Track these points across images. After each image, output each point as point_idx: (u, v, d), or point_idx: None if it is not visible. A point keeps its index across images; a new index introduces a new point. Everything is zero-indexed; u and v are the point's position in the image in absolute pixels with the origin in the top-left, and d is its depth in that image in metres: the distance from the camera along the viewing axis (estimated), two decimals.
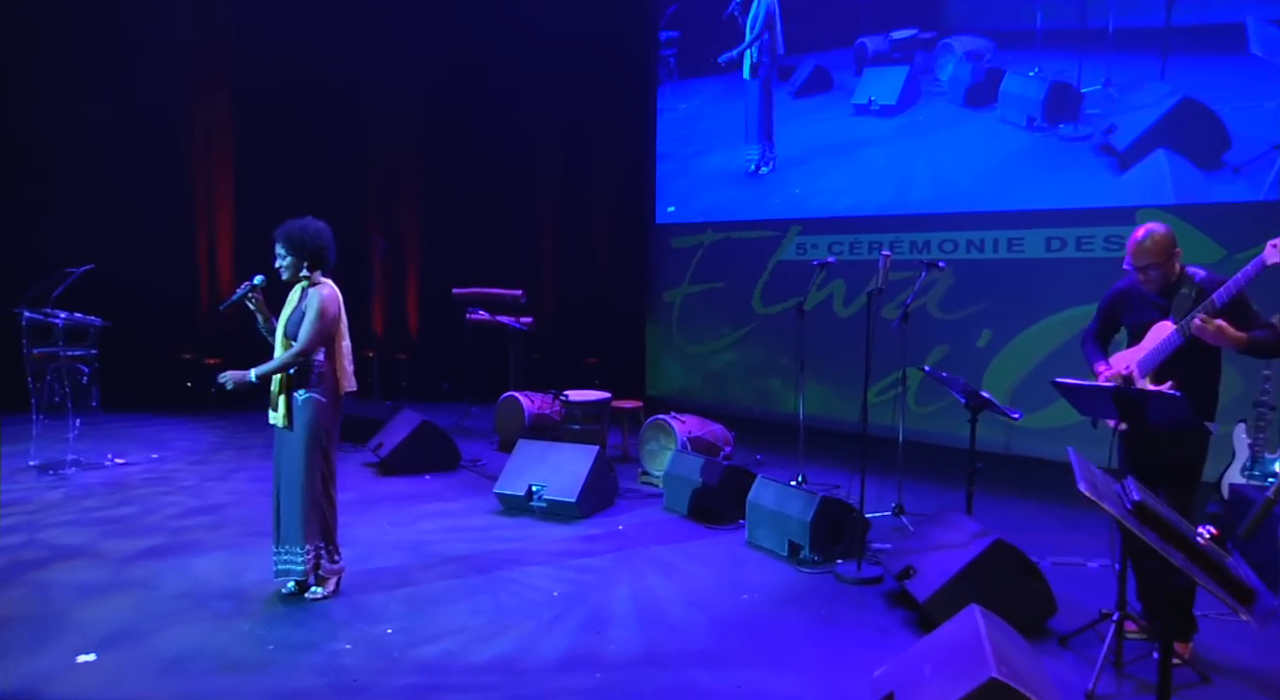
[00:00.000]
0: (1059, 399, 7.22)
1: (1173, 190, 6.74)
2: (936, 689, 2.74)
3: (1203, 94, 6.60)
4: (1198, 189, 6.59)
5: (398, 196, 11.03)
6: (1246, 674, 3.60)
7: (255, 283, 4.26)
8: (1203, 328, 3.39)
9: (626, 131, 10.51)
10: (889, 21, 8.52)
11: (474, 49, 10.38)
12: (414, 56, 10.60)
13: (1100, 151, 7.13)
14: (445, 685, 3.42)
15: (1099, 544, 5.26)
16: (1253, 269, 3.39)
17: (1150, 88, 6.86)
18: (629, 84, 10.44)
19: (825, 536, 4.88)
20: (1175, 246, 3.63)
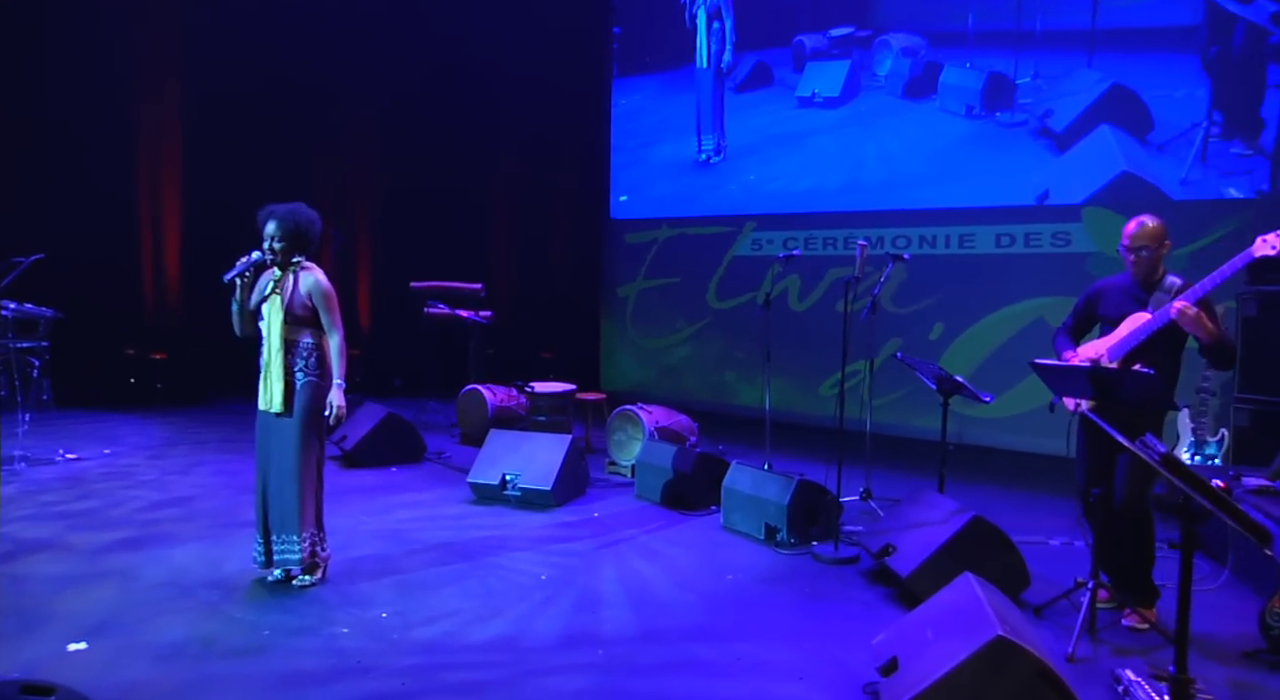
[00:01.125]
0: (1008, 389, 7.56)
1: (1124, 159, 7.00)
2: (942, 650, 2.88)
3: (1128, 82, 6.99)
4: (1143, 162, 6.89)
5: (349, 190, 10.91)
6: (1206, 635, 3.83)
7: (254, 259, 4.20)
8: (1184, 312, 3.59)
9: (580, 127, 10.56)
10: (825, 20, 8.80)
11: (430, 44, 10.33)
12: (369, 50, 10.51)
13: (1038, 135, 7.48)
14: (450, 664, 3.46)
15: (1056, 524, 5.52)
16: (1241, 261, 3.57)
17: (1081, 75, 7.25)
18: (582, 79, 10.49)
19: (801, 519, 5.03)
20: (1166, 237, 3.84)
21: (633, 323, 10.48)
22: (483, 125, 10.69)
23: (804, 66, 8.96)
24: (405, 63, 10.43)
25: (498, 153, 10.81)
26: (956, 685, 2.74)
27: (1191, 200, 6.74)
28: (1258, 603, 4.18)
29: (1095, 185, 7.18)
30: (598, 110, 10.53)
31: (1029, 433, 7.46)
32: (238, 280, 4.21)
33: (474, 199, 10.84)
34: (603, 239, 10.65)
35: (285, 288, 4.19)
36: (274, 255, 4.19)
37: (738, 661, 3.52)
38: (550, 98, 10.48)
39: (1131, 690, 3.16)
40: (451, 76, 10.46)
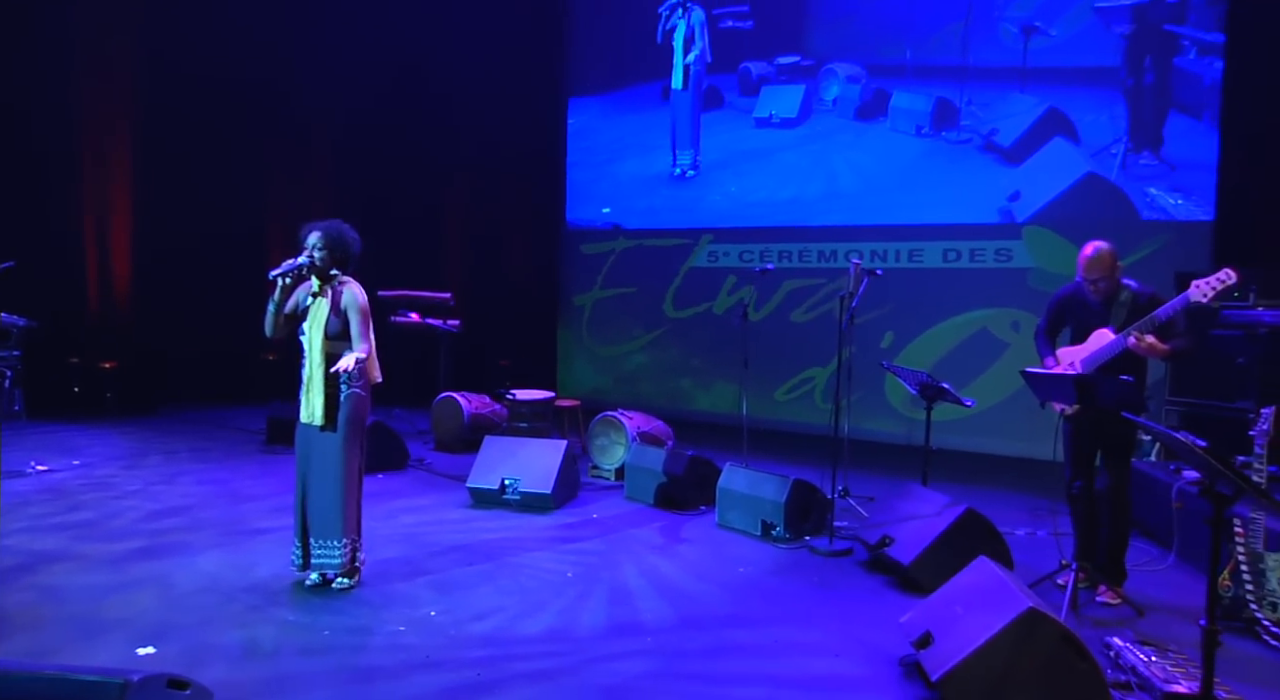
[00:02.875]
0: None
1: (1085, 163, 7.63)
2: (976, 623, 3.28)
3: (1059, 106, 7.73)
4: (1101, 164, 7.56)
5: (305, 199, 10.88)
6: (1167, 608, 4.36)
7: (300, 262, 4.34)
8: (1138, 346, 4.11)
9: (536, 141, 10.79)
10: (769, 50, 9.33)
11: (390, 56, 10.42)
12: (327, 61, 10.55)
13: (985, 150, 8.11)
14: (512, 655, 3.70)
15: (1016, 516, 6.05)
16: (1179, 303, 4.08)
17: (1016, 99, 7.94)
18: (537, 96, 10.72)
19: (796, 516, 5.41)
20: (1118, 262, 4.35)
21: (589, 331, 10.76)
22: (440, 138, 10.81)
23: (758, 90, 9.42)
24: (364, 74, 10.50)
25: (454, 165, 10.94)
26: (994, 652, 3.15)
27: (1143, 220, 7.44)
28: (1203, 580, 4.75)
29: (1058, 189, 7.77)
30: (554, 125, 10.78)
31: (976, 434, 8.04)
32: (280, 280, 4.33)
33: (430, 210, 10.96)
34: (559, 250, 10.90)
35: (324, 306, 4.34)
36: (317, 262, 4.33)
37: (774, 643, 3.87)
38: (507, 113, 10.68)
39: (1122, 654, 3.63)
40: (409, 89, 10.58)
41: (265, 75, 10.39)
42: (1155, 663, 3.51)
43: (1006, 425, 7.87)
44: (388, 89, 10.51)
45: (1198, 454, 2.52)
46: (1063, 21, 7.72)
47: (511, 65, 10.55)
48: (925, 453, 5.54)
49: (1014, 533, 5.63)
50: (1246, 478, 2.51)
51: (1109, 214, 7.45)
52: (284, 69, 10.47)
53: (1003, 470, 7.49)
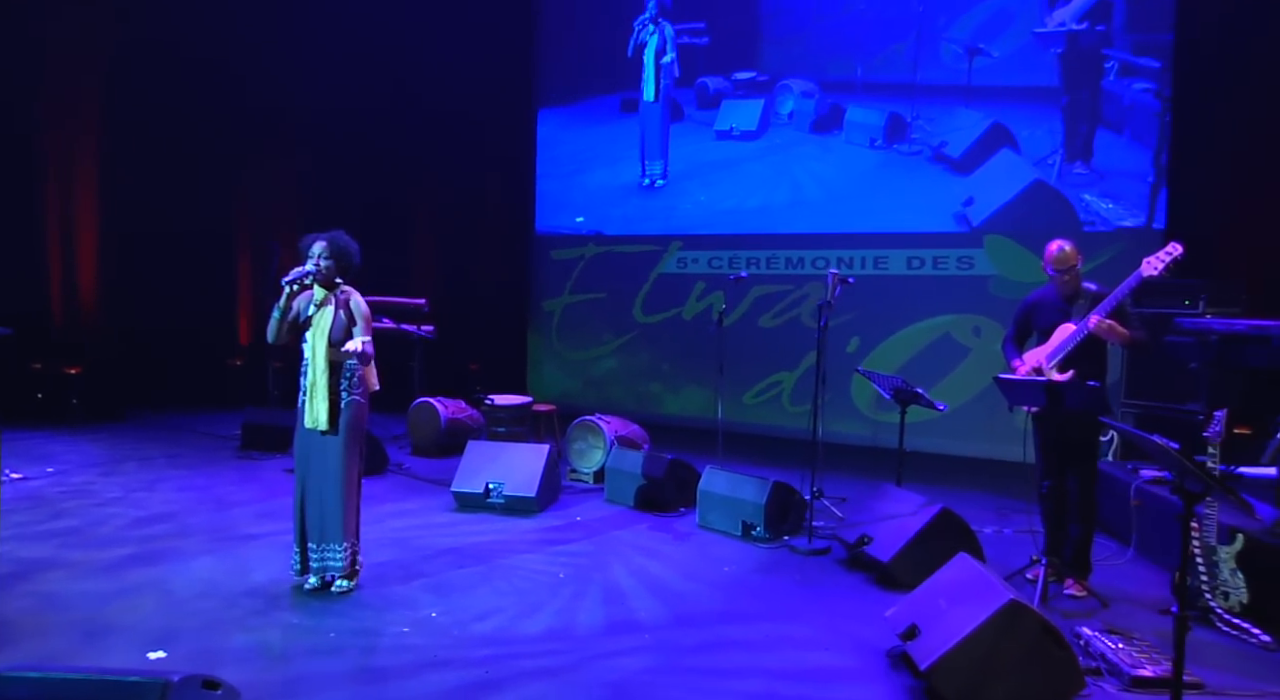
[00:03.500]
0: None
1: (1039, 165, 8.02)
2: (960, 616, 3.49)
3: (1002, 121, 8.16)
4: (1043, 172, 7.98)
5: (275, 204, 10.88)
6: (1129, 599, 4.63)
7: (308, 270, 4.42)
8: (1099, 325, 4.39)
9: (508, 150, 10.90)
10: (725, 66, 9.65)
11: (364, 65, 10.44)
12: (300, 67, 10.54)
13: (935, 161, 8.50)
14: (517, 653, 3.84)
15: (982, 515, 6.30)
16: (1134, 280, 4.39)
17: (964, 114, 8.34)
18: (510, 105, 10.83)
19: (775, 516, 5.62)
20: (1080, 259, 4.64)
21: (558, 336, 10.88)
22: (412, 147, 10.85)
23: (716, 104, 9.69)
24: (338, 82, 10.50)
25: (426, 173, 10.99)
26: (979, 642, 3.36)
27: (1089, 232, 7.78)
28: (1160, 573, 5.07)
29: (1008, 196, 8.14)
30: (523, 135, 10.89)
31: (940, 436, 8.30)
32: (288, 288, 4.41)
33: (402, 217, 10.99)
34: (529, 256, 11.01)
35: (328, 314, 4.43)
36: (321, 272, 4.42)
37: (766, 638, 4.06)
38: (478, 123, 10.76)
39: (1091, 643, 3.88)
40: (383, 98, 10.61)
41: (237, 81, 10.36)
42: (1122, 650, 3.76)
43: (970, 427, 8.16)
44: (361, 97, 10.53)
45: (1170, 455, 2.75)
46: (1003, 43, 8.15)
47: (483, 77, 10.64)
48: (899, 454, 5.77)
49: (982, 530, 5.87)
50: (1214, 476, 2.75)
51: (1055, 217, 7.83)
52: (256, 76, 10.44)
53: (967, 471, 7.77)
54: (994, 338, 8.19)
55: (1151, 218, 7.54)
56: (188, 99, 10.14)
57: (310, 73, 10.56)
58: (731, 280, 7.30)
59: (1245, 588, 4.18)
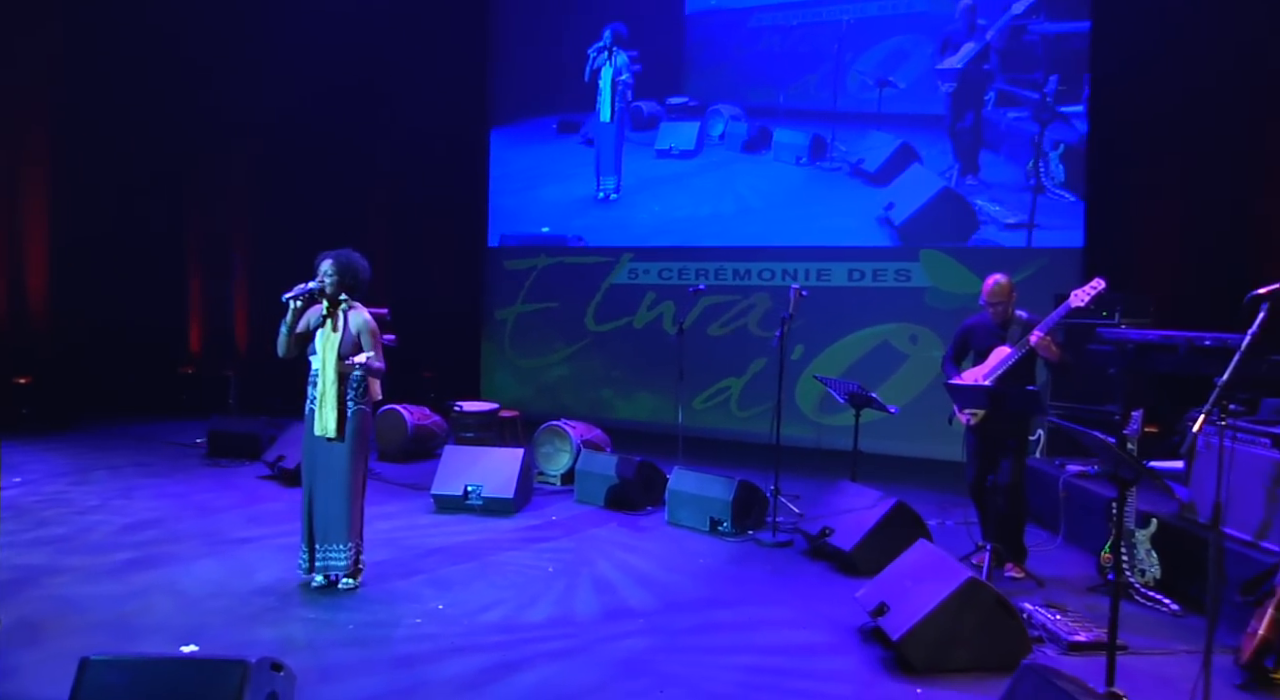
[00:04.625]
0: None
1: (941, 177, 8.87)
2: (925, 593, 3.98)
3: (909, 141, 9.03)
4: (947, 181, 8.87)
5: (227, 213, 10.94)
6: (1060, 579, 5.20)
7: (311, 287, 4.68)
8: (1040, 341, 4.94)
9: (463, 164, 11.18)
10: (660, 91, 10.31)
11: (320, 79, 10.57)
12: (253, 76, 10.63)
13: (853, 175, 9.31)
14: (527, 639, 4.19)
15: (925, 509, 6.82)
16: (1064, 309, 4.96)
17: (876, 136, 9.18)
18: (464, 123, 11.13)
19: (741, 513, 6.07)
20: (1014, 290, 5.19)
21: (511, 344, 11.18)
22: (369, 159, 11.03)
23: (652, 125, 10.29)
24: (294, 94, 10.60)
25: (380, 187, 11.18)
26: (943, 614, 3.85)
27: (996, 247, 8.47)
28: (1086, 556, 5.66)
29: (922, 201, 8.95)
30: (477, 151, 11.20)
31: (879, 437, 8.85)
32: (292, 303, 4.67)
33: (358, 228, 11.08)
34: (483, 268, 11.30)
35: (337, 327, 4.71)
36: (327, 287, 4.69)
37: (749, 620, 4.50)
38: (433, 139, 11.00)
39: (1033, 616, 4.41)
40: (337, 109, 10.75)
41: (189, 89, 10.41)
42: (1059, 621, 4.31)
43: (908, 429, 8.74)
44: (318, 111, 10.63)
45: (1108, 447, 3.26)
46: (906, 76, 9.06)
47: (438, 97, 10.93)
48: (854, 454, 6.26)
49: (926, 522, 6.44)
50: (1143, 465, 3.28)
51: (960, 217, 8.75)
52: (211, 86, 10.51)
53: (906, 468, 8.34)
54: (929, 345, 8.84)
55: (1033, 218, 8.47)
56: (140, 106, 10.16)
57: (268, 84, 10.66)
58: (690, 292, 7.74)
59: (1158, 565, 4.79)
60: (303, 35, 10.51)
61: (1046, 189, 8.32)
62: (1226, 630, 4.02)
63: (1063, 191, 8.31)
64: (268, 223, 10.97)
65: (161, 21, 10.11)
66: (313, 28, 10.48)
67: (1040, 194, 8.37)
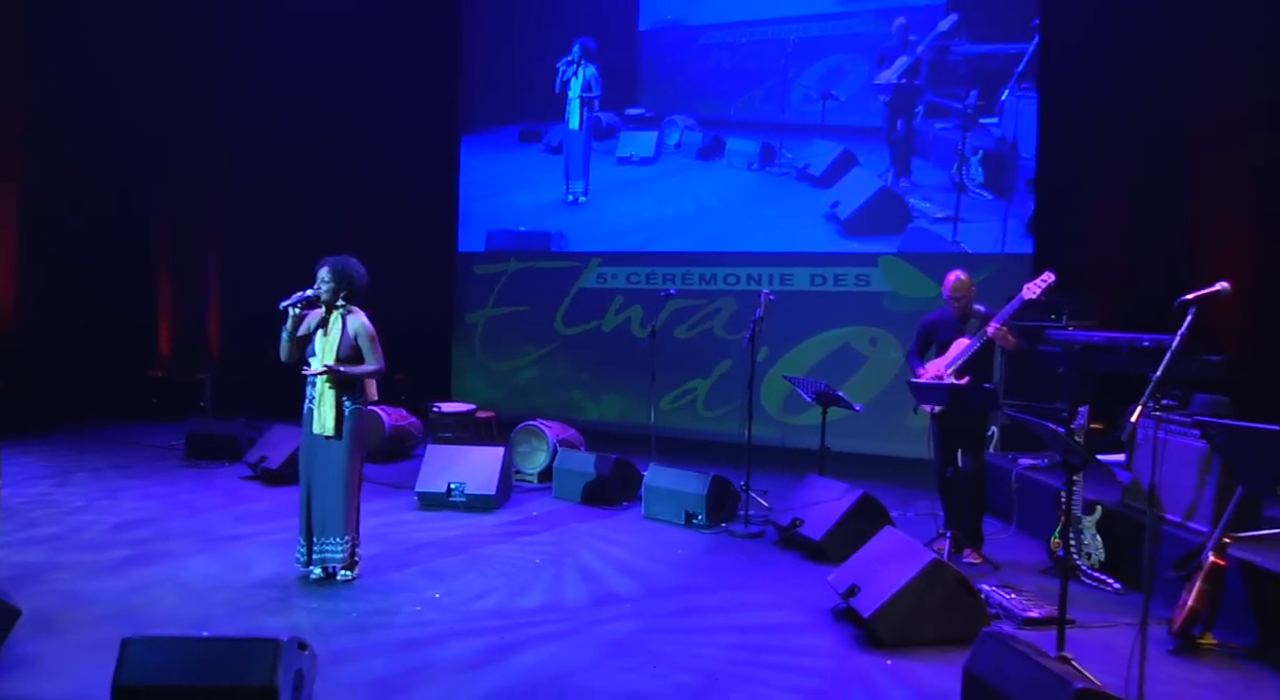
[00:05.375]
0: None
1: (880, 179, 9.46)
2: (892, 574, 4.31)
3: (849, 149, 9.59)
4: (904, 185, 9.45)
5: (199, 217, 11.01)
6: (1014, 564, 5.58)
7: (308, 294, 4.89)
8: (998, 331, 5.32)
9: (432, 172, 11.39)
10: (617, 103, 10.75)
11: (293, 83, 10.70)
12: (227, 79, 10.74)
13: (800, 179, 9.85)
14: (522, 623, 4.45)
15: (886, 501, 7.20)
16: (1019, 302, 5.35)
17: (820, 144, 9.75)
18: (435, 130, 11.34)
19: (714, 506, 6.38)
20: (973, 287, 5.57)
21: (481, 346, 11.40)
22: (339, 167, 11.16)
23: (611, 135, 10.73)
24: (265, 95, 10.73)
25: (351, 190, 11.31)
26: (910, 593, 4.19)
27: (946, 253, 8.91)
28: (1037, 543, 6.06)
29: (863, 199, 9.50)
30: (447, 158, 11.41)
31: (839, 435, 9.21)
32: (291, 310, 4.88)
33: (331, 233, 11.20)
34: (453, 272, 11.50)
35: (335, 330, 4.92)
36: (324, 294, 4.91)
37: (729, 604, 4.80)
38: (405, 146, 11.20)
39: (990, 596, 4.77)
40: (311, 114, 10.88)
41: (161, 92, 10.47)
42: (1014, 599, 4.68)
43: (868, 427, 9.12)
44: (291, 115, 10.77)
45: (1060, 436, 3.62)
46: (845, 90, 9.66)
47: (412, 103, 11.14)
48: (822, 450, 6.60)
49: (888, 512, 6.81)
50: (1090, 453, 3.63)
51: (896, 213, 9.33)
52: (182, 88, 10.58)
53: (867, 465, 8.70)
54: (888, 347, 9.24)
55: (957, 213, 9.12)
56: (110, 107, 10.20)
57: (242, 89, 10.77)
58: (661, 296, 8.05)
59: (1102, 548, 5.19)
60: (279, 42, 10.65)
61: (968, 189, 9.07)
62: (1163, 604, 4.42)
63: (982, 191, 9.03)
64: (240, 227, 11.07)
65: (136, 25, 10.17)
66: (289, 35, 10.63)
67: (963, 193, 9.10)
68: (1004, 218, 8.90)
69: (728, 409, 10.04)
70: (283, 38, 10.61)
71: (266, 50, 10.64)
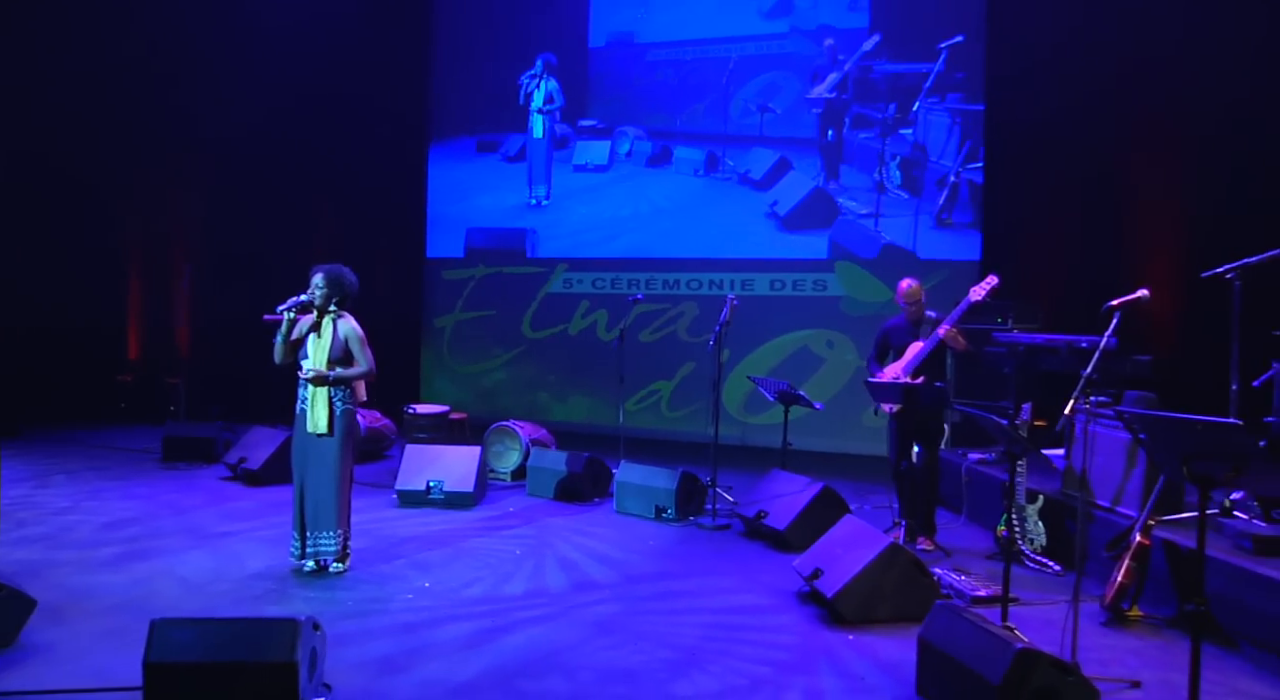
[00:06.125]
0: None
1: (813, 181, 10.04)
2: (854, 558, 4.69)
3: (785, 156, 10.16)
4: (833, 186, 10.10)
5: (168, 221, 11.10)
6: (964, 550, 6.00)
7: (301, 300, 5.14)
8: (949, 333, 5.73)
9: (401, 180, 11.62)
10: (569, 115, 11.20)
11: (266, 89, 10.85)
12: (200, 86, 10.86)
13: (742, 183, 10.41)
14: (510, 608, 4.75)
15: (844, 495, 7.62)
16: (966, 304, 5.78)
17: (759, 152, 10.33)
18: (404, 139, 11.57)
19: (683, 501, 6.72)
20: (924, 294, 5.99)
21: (450, 350, 11.64)
22: (306, 171, 11.32)
23: (566, 145, 11.23)
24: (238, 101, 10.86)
25: (321, 196, 11.48)
26: (870, 574, 4.57)
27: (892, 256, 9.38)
28: (985, 532, 6.49)
29: (799, 197, 10.07)
30: (415, 167, 11.65)
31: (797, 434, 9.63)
32: (286, 314, 5.12)
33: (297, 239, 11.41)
34: (421, 277, 11.73)
35: (327, 334, 5.18)
36: (317, 299, 5.16)
37: (701, 588, 5.15)
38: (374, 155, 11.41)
39: (943, 579, 5.17)
40: (282, 120, 11.03)
41: (132, 98, 10.55)
42: (964, 581, 5.08)
43: (825, 426, 9.54)
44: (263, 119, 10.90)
45: (1003, 428, 4.02)
46: (781, 103, 10.27)
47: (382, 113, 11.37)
48: (784, 447, 6.98)
49: None
50: (1027, 441, 4.03)
51: (828, 210, 9.94)
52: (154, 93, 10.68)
53: (824, 462, 9.12)
54: (844, 349, 9.68)
55: (878, 210, 9.80)
56: (82, 111, 10.27)
57: (214, 94, 10.89)
58: (630, 301, 8.39)
59: (1044, 533, 5.63)
60: (252, 48, 10.80)
61: (887, 189, 9.83)
62: (1097, 583, 4.86)
63: (899, 190, 9.74)
64: (210, 230, 11.19)
65: (107, 28, 10.25)
66: (262, 41, 10.78)
67: (883, 193, 9.84)
68: (916, 213, 9.69)
69: (691, 409, 10.40)
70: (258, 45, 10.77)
71: (243, 57, 10.79)
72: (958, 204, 9.46)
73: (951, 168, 9.48)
